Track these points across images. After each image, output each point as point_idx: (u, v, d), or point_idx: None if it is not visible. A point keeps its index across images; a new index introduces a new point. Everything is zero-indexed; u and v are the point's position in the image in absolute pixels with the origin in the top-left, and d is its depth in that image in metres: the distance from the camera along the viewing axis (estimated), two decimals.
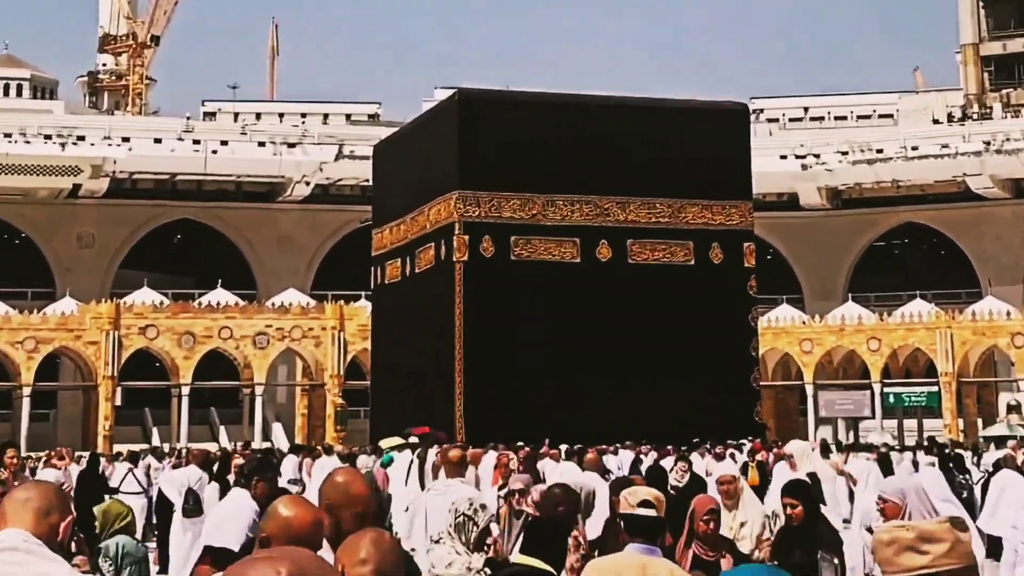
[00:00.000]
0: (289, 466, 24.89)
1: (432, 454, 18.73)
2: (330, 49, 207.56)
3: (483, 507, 6.37)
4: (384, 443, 24.11)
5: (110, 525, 8.65)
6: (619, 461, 25.03)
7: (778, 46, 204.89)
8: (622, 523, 6.25)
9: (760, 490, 14.75)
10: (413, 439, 23.35)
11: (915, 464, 25.27)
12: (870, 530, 9.42)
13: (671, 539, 7.20)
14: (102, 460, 25.48)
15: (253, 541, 4.14)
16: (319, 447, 31.25)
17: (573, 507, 7.23)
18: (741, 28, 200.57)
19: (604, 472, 15.25)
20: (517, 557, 5.72)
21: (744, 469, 19.46)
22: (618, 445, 27.58)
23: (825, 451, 24.93)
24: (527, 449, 21.06)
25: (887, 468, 20.69)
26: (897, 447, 32.04)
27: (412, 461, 19.30)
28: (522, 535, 6.06)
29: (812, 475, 12.74)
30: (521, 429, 26.19)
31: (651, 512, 6.05)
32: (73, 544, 5.94)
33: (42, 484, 4.04)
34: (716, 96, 43.44)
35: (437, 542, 6.52)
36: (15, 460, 12.13)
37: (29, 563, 3.53)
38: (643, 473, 16.32)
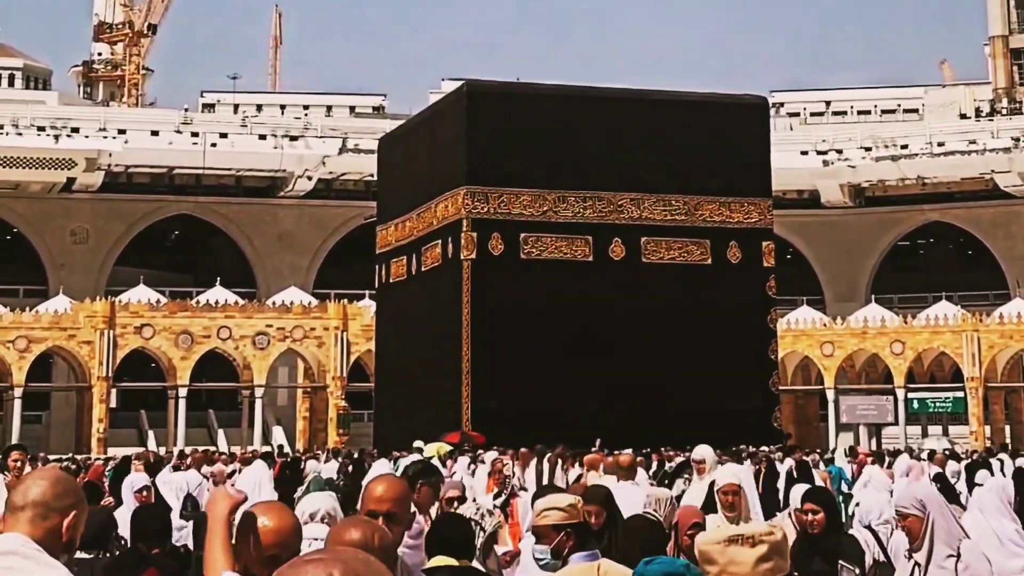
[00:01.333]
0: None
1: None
2: (334, 39, 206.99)
3: (490, 512, 6.44)
4: (429, 447, 24.33)
5: None
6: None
7: (799, 37, 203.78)
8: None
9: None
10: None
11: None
12: None
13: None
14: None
15: None
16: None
17: None
18: (760, 18, 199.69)
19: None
20: (431, 561, 5.71)
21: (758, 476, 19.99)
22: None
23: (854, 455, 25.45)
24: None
25: (771, 477, 19.85)
26: (949, 452, 30.73)
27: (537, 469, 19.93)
28: (428, 535, 5.99)
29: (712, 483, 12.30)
30: (529, 432, 25.40)
31: (570, 519, 5.96)
32: None
33: (40, 483, 3.88)
34: (734, 89, 42.97)
35: None
36: (18, 464, 11.69)
37: (26, 569, 3.57)
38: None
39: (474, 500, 9.01)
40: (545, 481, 18.66)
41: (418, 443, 25.35)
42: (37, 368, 51.04)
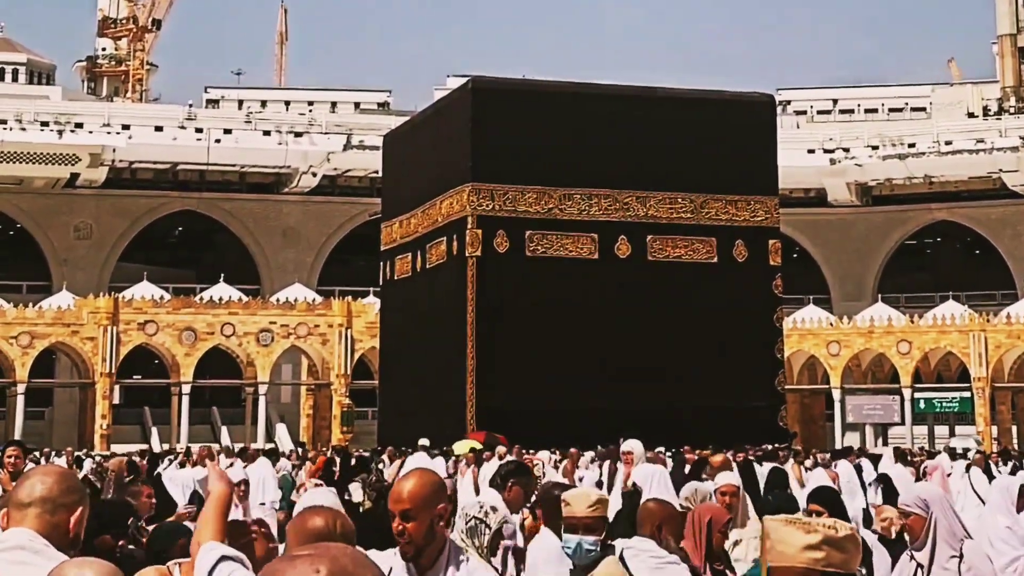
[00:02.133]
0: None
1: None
2: (339, 35, 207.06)
3: (494, 509, 6.30)
4: (457, 447, 24.37)
5: None
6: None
7: (806, 35, 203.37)
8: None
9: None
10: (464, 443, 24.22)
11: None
12: None
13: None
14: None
15: None
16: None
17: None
18: (767, 16, 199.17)
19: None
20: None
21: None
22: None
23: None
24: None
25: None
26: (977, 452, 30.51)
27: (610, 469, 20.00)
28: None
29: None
30: (534, 431, 25.84)
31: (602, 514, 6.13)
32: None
33: (46, 480, 3.95)
34: (741, 87, 42.42)
35: None
36: (12, 460, 11.46)
37: (33, 562, 3.62)
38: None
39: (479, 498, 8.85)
40: (617, 484, 18.40)
41: (423, 440, 25.14)
42: (40, 364, 51.01)
